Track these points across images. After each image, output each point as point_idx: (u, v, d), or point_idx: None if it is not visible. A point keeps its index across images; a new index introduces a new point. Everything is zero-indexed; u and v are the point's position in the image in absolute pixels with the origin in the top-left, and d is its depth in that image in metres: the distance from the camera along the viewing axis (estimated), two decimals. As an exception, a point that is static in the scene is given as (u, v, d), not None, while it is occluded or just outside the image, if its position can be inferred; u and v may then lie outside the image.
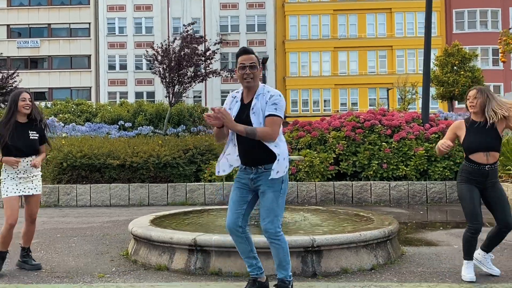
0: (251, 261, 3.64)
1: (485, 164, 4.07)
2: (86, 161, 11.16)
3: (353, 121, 12.05)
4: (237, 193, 3.55)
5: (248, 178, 3.51)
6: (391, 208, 9.79)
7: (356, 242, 4.49)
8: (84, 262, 4.90)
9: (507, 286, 3.91)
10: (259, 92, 3.49)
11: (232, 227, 3.53)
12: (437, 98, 22.29)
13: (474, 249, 4.18)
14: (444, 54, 21.63)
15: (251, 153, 3.46)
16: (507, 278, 4.16)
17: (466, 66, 20.85)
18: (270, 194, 3.41)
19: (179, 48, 15.82)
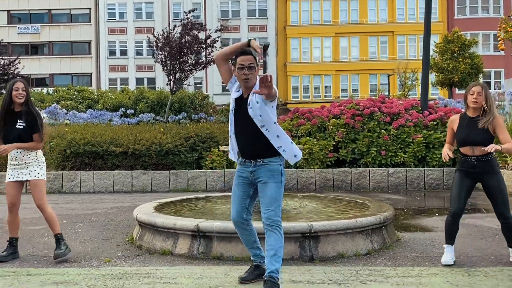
0: (255, 251, 3.83)
1: (471, 155, 4.24)
2: (89, 148, 11.33)
3: (352, 108, 12.18)
4: (239, 188, 3.71)
5: (248, 171, 3.67)
6: (389, 195, 9.97)
7: (352, 228, 4.67)
8: (91, 247, 5.10)
9: (495, 269, 4.10)
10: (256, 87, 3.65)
11: (238, 220, 3.71)
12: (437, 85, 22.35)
13: (454, 233, 4.35)
14: (444, 41, 21.64)
15: (250, 147, 3.62)
16: (496, 262, 4.35)
17: (465, 53, 20.88)
18: (272, 185, 3.57)
19: (179, 35, 15.87)
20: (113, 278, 3.94)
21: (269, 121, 3.57)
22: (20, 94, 4.57)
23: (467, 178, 4.31)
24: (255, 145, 3.59)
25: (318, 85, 44.07)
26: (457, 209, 4.28)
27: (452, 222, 4.33)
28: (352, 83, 44.29)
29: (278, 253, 3.57)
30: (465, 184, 4.30)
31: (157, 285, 3.73)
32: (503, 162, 10.53)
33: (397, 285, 3.66)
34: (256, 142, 3.58)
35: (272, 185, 3.56)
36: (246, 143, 3.62)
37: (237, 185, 3.73)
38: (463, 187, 4.29)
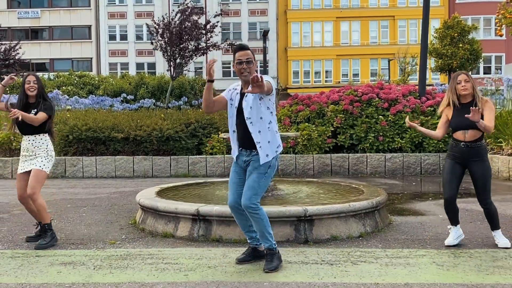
0: (251, 234, 4.04)
1: (462, 141, 4.42)
2: (91, 134, 11.52)
3: (351, 94, 12.32)
4: (235, 175, 3.92)
5: (242, 160, 3.88)
6: (385, 179, 10.18)
7: (346, 212, 4.88)
8: (96, 230, 5.32)
9: (480, 251, 4.30)
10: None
11: (234, 206, 3.92)
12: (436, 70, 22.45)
13: (454, 216, 4.55)
14: (444, 27, 21.66)
15: (246, 138, 3.81)
16: (482, 244, 4.56)
17: (465, 39, 20.93)
18: (254, 175, 3.78)
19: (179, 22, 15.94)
20: (118, 259, 4.16)
21: (256, 115, 3.74)
22: (32, 87, 4.76)
23: (456, 164, 4.50)
24: (251, 138, 3.78)
25: (318, 70, 44.06)
26: (449, 196, 4.48)
27: (447, 207, 4.53)
28: (353, 68, 44.26)
29: (264, 233, 3.79)
30: (455, 170, 4.48)
31: (160, 265, 3.95)
32: (498, 147, 10.71)
33: (386, 265, 3.88)
34: (251, 135, 3.77)
35: (254, 175, 3.77)
36: (244, 135, 3.81)
37: (234, 172, 3.93)
38: (453, 174, 4.48)
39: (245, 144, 3.84)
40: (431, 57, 21.58)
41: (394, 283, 3.45)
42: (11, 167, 11.42)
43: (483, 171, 4.44)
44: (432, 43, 22.11)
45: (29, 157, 4.79)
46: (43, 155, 4.80)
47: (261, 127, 3.78)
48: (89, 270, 3.84)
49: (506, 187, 8.74)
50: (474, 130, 4.37)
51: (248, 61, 3.78)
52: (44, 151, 4.81)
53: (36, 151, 4.79)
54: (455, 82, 4.49)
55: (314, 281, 3.51)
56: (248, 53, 3.80)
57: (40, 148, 4.80)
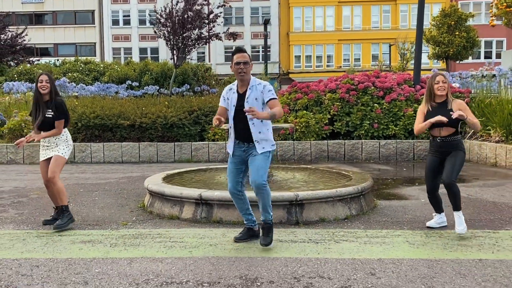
0: (247, 217, 4.59)
1: (437, 136, 4.93)
2: (99, 121, 12.07)
3: (348, 83, 12.80)
4: (233, 165, 4.44)
5: (242, 150, 4.40)
6: (378, 165, 10.70)
7: (333, 197, 5.43)
8: (109, 213, 5.90)
9: (449, 232, 4.82)
10: (252, 84, 4.31)
11: (233, 191, 4.46)
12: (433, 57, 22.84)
13: (436, 204, 5.07)
14: (441, 15, 22.00)
15: (244, 133, 4.32)
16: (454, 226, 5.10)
17: (461, 27, 21.27)
18: (260, 156, 4.30)
19: (182, 11, 16.35)
20: (131, 237, 4.73)
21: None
22: (44, 86, 5.21)
23: (435, 159, 4.99)
24: (248, 132, 4.30)
25: (320, 55, 44.29)
26: (429, 189, 5.00)
27: (429, 198, 5.05)
28: (355, 53, 44.46)
29: (266, 206, 4.34)
30: (433, 165, 4.98)
31: (167, 243, 4.52)
32: (487, 134, 11.20)
33: (364, 243, 4.44)
34: (248, 130, 4.28)
35: (259, 157, 4.29)
36: (242, 130, 4.33)
37: (232, 163, 4.46)
38: (431, 169, 4.98)
39: (243, 138, 4.35)
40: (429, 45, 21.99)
41: (369, 258, 4.01)
42: (22, 153, 11.99)
43: (455, 155, 4.82)
44: (430, 31, 22.46)
45: (48, 147, 5.31)
46: (63, 144, 5.33)
47: (262, 128, 4.31)
48: (106, 247, 4.42)
49: (492, 173, 9.25)
50: (448, 127, 4.85)
51: (245, 62, 4.28)
52: (64, 142, 5.34)
53: (57, 142, 5.31)
54: (433, 82, 4.96)
55: (300, 257, 4.07)
56: (245, 56, 4.30)
57: (61, 139, 5.32)
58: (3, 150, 12.01)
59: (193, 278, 3.58)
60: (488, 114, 11.12)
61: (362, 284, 3.42)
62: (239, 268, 3.78)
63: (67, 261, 4.01)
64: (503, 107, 11.00)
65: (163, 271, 3.73)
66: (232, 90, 4.40)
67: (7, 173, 9.93)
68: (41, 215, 5.79)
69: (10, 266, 3.92)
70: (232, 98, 4.36)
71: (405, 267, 3.76)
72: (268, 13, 43.96)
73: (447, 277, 3.54)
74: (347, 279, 3.52)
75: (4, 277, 3.67)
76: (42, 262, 3.99)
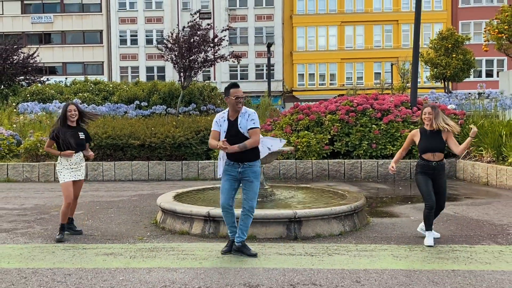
0: (233, 229, 5.21)
1: (432, 160, 5.56)
2: (111, 141, 12.73)
3: (347, 105, 13.45)
4: (227, 183, 5.07)
5: (236, 171, 5.03)
6: (376, 184, 11.27)
7: (328, 215, 6.02)
8: (125, 229, 6.50)
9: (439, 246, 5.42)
10: (242, 112, 5.01)
11: (226, 206, 5.09)
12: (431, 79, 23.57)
13: (432, 221, 5.64)
14: (438, 38, 22.80)
15: (239, 154, 4.98)
16: (437, 241, 5.67)
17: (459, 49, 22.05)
18: (256, 183, 5.00)
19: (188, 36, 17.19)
20: (147, 250, 5.33)
21: None
22: (73, 115, 6.03)
23: (428, 177, 5.62)
24: (243, 153, 4.95)
25: (323, 73, 45.09)
26: (432, 204, 5.54)
27: (429, 213, 5.54)
28: (357, 71, 45.24)
29: (247, 228, 5.11)
30: (429, 182, 5.60)
31: (180, 255, 5.12)
32: (479, 155, 11.77)
33: (354, 256, 5.01)
34: (242, 151, 4.94)
35: (256, 183, 5.00)
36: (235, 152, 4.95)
37: (226, 181, 5.09)
38: (429, 184, 5.59)
39: (237, 159, 5.00)
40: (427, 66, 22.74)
41: (356, 269, 4.58)
42: (37, 171, 12.65)
43: (445, 183, 5.63)
44: (428, 53, 23.22)
45: (75, 169, 6.08)
46: (84, 167, 6.21)
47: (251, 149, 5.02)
48: (126, 258, 5.02)
49: (483, 192, 9.80)
50: (437, 153, 5.53)
51: (242, 97, 4.99)
52: (84, 163, 6.15)
53: (81, 163, 6.18)
54: (423, 112, 5.66)
55: (296, 267, 4.65)
56: (240, 90, 5.00)
57: (83, 160, 6.19)
58: (19, 168, 12.67)
59: (204, 284, 4.17)
60: (480, 135, 11.70)
61: (348, 290, 4.01)
62: (243, 277, 4.37)
63: (94, 270, 4.61)
64: (494, 129, 11.58)
65: (177, 279, 4.33)
66: (223, 118, 5.08)
67: (25, 191, 10.57)
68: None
69: (45, 274, 4.53)
70: (223, 125, 5.05)
71: (386, 276, 4.34)
72: (272, 33, 44.92)
73: (422, 284, 4.11)
74: (336, 285, 4.10)
75: (43, 283, 4.27)
76: (73, 271, 4.59)
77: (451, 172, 12.25)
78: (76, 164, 6.05)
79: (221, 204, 5.12)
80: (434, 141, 5.54)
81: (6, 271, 4.63)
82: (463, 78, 22.20)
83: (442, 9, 44.19)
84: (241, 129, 4.96)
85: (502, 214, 7.27)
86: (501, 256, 4.96)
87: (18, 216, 7.47)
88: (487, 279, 4.24)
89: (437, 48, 22.15)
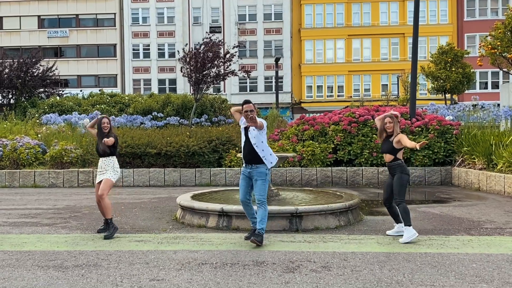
0: (253, 220, 6.19)
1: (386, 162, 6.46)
2: (130, 150, 13.79)
3: (349, 116, 14.41)
4: (243, 181, 6.10)
5: (248, 171, 6.07)
6: (375, 189, 12.17)
7: (325, 211, 6.97)
8: (150, 223, 7.50)
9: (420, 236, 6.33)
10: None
11: (243, 200, 6.10)
12: (432, 91, 24.51)
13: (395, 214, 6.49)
14: (438, 52, 23.80)
15: (248, 157, 6.02)
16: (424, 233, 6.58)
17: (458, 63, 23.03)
18: (260, 181, 5.98)
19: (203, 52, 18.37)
20: (171, 238, 6.32)
21: (258, 141, 5.96)
22: (105, 126, 6.99)
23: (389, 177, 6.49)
24: (251, 156, 5.99)
25: (331, 85, 46.12)
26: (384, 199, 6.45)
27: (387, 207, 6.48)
28: (364, 83, 46.20)
29: (264, 219, 5.98)
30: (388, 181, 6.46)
31: (199, 242, 6.10)
32: (472, 162, 12.64)
33: (345, 243, 5.95)
34: (251, 154, 5.98)
35: (260, 181, 5.98)
36: (246, 154, 6.04)
37: (242, 179, 6.14)
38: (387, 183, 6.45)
39: (248, 160, 6.03)
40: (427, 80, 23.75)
41: (345, 251, 5.53)
42: (62, 178, 13.72)
43: (396, 181, 6.27)
44: (428, 66, 24.22)
45: (100, 172, 7.00)
46: (110, 170, 6.99)
47: (263, 147, 6.00)
48: (155, 244, 6.01)
49: (473, 196, 10.66)
50: (387, 154, 6.36)
51: (251, 110, 5.96)
52: (111, 168, 7.01)
53: (106, 168, 6.98)
54: (383, 121, 6.51)
55: (295, 250, 5.61)
56: (251, 106, 5.97)
57: (108, 165, 6.99)
58: (45, 175, 13.75)
59: (220, 261, 5.15)
60: (473, 144, 12.59)
61: (336, 265, 4.96)
62: (252, 256, 5.34)
63: (130, 252, 5.61)
64: (486, 139, 12.46)
65: (198, 257, 5.31)
66: (244, 125, 6.13)
67: (54, 194, 11.62)
68: (97, 225, 7.42)
69: (90, 254, 5.54)
70: (242, 130, 6.15)
71: (369, 256, 5.28)
72: (280, 46, 46.11)
73: (397, 261, 5.05)
74: (327, 262, 5.05)
75: (90, 260, 5.28)
76: (112, 252, 5.60)
77: (447, 179, 13.13)
78: (101, 168, 6.99)
79: (240, 199, 6.13)
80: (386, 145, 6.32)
81: (57, 252, 5.64)
82: (463, 91, 23.14)
83: (448, 22, 45.15)
84: (250, 134, 6.00)
85: (483, 213, 8.16)
86: (469, 243, 5.88)
87: (54, 214, 8.50)
88: (451, 258, 5.16)
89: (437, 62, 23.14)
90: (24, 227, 7.26)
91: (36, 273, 4.82)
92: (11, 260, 5.32)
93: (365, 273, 4.66)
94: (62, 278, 4.65)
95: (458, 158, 13.31)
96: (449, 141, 13.51)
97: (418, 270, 4.74)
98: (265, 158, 5.97)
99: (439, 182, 13.08)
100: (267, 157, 5.99)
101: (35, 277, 4.68)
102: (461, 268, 4.82)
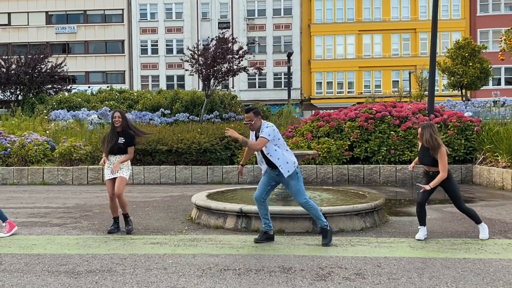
0: (266, 221, 5.84)
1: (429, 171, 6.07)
2: (140, 147, 13.42)
3: (366, 112, 13.97)
4: (266, 178, 5.76)
5: (275, 174, 5.70)
6: (394, 188, 11.75)
7: (350, 212, 6.57)
8: (164, 224, 7.13)
9: (446, 240, 5.92)
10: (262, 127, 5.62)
11: (258, 198, 5.76)
12: (448, 87, 23.95)
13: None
14: (455, 47, 23.21)
15: (268, 163, 5.70)
16: (449, 235, 6.17)
17: (475, 58, 22.44)
18: (292, 183, 5.61)
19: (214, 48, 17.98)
20: (188, 241, 5.95)
21: (271, 150, 5.59)
22: (117, 121, 6.58)
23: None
24: (270, 163, 5.69)
25: (341, 81, 45.59)
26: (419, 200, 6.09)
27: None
28: (375, 79, 45.63)
29: (318, 216, 5.68)
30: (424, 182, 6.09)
31: (218, 245, 5.72)
32: (495, 160, 12.17)
33: (374, 247, 5.56)
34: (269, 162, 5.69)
35: (292, 183, 5.62)
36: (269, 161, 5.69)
37: (265, 176, 5.78)
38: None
39: (270, 165, 5.72)
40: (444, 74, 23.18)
41: (377, 256, 5.13)
42: (71, 175, 13.41)
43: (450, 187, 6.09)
44: (445, 62, 23.64)
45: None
46: (125, 168, 6.65)
47: (278, 155, 5.60)
48: (171, 247, 5.64)
49: (498, 195, 10.22)
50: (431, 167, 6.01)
51: (249, 120, 5.63)
52: (125, 165, 6.66)
53: (120, 166, 6.60)
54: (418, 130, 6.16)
55: (323, 255, 5.22)
56: (249, 116, 5.63)
57: (123, 163, 6.63)
58: (54, 172, 13.44)
59: (243, 267, 4.77)
60: (495, 142, 12.12)
61: (370, 271, 4.56)
62: (277, 261, 4.96)
63: (146, 255, 5.24)
64: (509, 135, 11.98)
65: (220, 262, 4.94)
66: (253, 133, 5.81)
67: (63, 192, 11.30)
68: (109, 225, 7.05)
69: (103, 258, 5.18)
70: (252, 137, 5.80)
71: (404, 262, 4.88)
72: (290, 42, 45.60)
73: (435, 268, 4.65)
74: (359, 269, 4.66)
75: (103, 264, 4.92)
76: (127, 256, 5.23)
77: (467, 177, 12.68)
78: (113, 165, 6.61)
79: (255, 196, 5.78)
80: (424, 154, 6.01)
81: (69, 256, 5.29)
82: (480, 86, 22.58)
83: (460, 17, 44.43)
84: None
85: (514, 214, 7.73)
86: (509, 248, 5.47)
87: (64, 213, 8.17)
88: (494, 265, 4.75)
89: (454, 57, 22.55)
90: (33, 228, 6.93)
91: (46, 279, 4.47)
92: (20, 265, 4.98)
93: (403, 282, 4.26)
94: (74, 285, 4.30)
95: (479, 155, 12.85)
96: (470, 138, 13.05)
97: (461, 279, 4.34)
98: (282, 167, 5.60)
99: (460, 180, 12.63)
100: (283, 166, 5.60)
101: (46, 284, 4.33)
102: (508, 276, 4.42)
